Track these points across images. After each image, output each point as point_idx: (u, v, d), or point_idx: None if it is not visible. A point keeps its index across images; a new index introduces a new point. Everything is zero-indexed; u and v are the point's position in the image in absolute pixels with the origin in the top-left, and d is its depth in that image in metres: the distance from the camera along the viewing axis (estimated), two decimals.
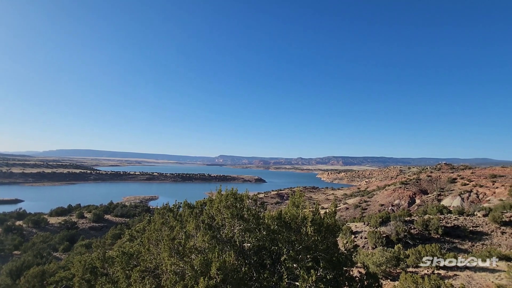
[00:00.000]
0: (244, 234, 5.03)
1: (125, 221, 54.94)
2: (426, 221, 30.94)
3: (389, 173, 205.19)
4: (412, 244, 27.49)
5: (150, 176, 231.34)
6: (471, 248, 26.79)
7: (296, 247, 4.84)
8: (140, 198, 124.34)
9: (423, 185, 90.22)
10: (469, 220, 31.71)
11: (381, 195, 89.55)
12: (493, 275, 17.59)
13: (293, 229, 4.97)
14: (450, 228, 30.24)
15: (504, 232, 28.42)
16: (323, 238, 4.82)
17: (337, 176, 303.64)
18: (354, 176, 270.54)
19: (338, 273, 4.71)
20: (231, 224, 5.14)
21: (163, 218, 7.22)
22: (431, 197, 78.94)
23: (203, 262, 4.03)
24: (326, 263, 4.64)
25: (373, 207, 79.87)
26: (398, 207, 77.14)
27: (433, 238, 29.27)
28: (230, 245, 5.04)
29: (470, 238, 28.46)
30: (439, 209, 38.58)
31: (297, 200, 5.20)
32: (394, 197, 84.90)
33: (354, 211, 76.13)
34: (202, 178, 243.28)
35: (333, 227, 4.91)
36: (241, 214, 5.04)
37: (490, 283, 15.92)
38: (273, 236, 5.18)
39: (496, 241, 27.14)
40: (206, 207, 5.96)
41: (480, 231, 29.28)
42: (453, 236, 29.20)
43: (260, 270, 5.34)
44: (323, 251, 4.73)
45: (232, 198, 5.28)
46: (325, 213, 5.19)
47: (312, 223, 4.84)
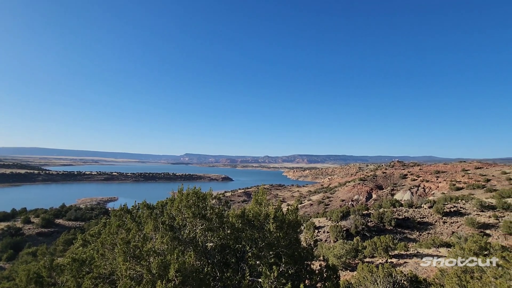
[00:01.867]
0: (207, 233, 4.85)
1: (80, 225, 50.64)
2: (381, 214, 33.46)
3: (349, 170, 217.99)
4: (369, 236, 29.54)
5: (109, 176, 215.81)
6: (419, 237, 29.64)
7: (259, 244, 4.80)
8: (97, 199, 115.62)
9: (379, 181, 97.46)
10: (417, 212, 35.02)
11: (342, 191, 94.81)
12: (435, 260, 19.60)
13: (256, 227, 4.92)
14: (401, 220, 33.09)
15: (445, 222, 31.89)
16: (285, 234, 4.86)
17: (302, 174, 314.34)
18: (318, 174, 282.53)
19: (299, 267, 4.78)
20: (193, 224, 4.93)
21: (120, 221, 6.69)
22: (385, 192, 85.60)
23: (161, 264, 3.79)
24: (288, 259, 4.68)
25: (335, 203, 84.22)
26: (357, 202, 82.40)
27: (387, 229, 31.78)
28: (192, 245, 4.83)
29: (418, 228, 31.48)
30: (392, 203, 41.99)
31: (260, 198, 5.16)
32: (353, 192, 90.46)
33: (318, 207, 79.51)
34: (167, 177, 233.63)
35: (294, 223, 4.97)
36: (204, 214, 4.85)
37: (434, 268, 17.74)
38: (237, 234, 5.08)
39: (439, 230, 30.36)
40: (167, 207, 5.63)
41: (426, 221, 32.51)
42: (404, 227, 32.02)
43: (223, 269, 5.21)
44: (285, 247, 4.76)
45: (194, 197, 5.06)
46: (288, 209, 5.24)
47: (275, 220, 4.85)
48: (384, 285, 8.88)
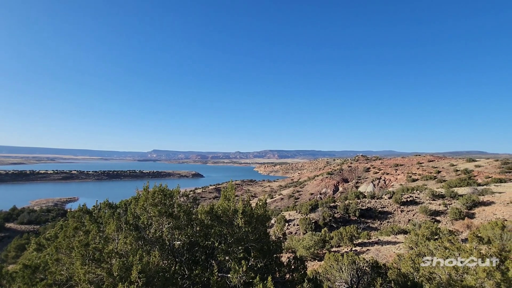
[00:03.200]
0: (174, 231, 4.70)
1: (35, 228, 46.36)
2: (347, 205, 35.34)
3: (318, 165, 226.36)
4: (335, 227, 31.11)
5: (68, 174, 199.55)
6: (380, 226, 31.90)
7: (228, 240, 4.77)
8: (54, 200, 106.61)
9: (345, 174, 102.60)
10: (379, 203, 37.57)
11: (311, 185, 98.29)
12: (394, 246, 21.31)
13: (225, 223, 4.88)
14: (364, 210, 35.28)
15: (403, 211, 34.62)
16: (253, 228, 4.89)
17: (273, 169, 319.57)
18: (288, 169, 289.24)
19: (268, 260, 4.86)
20: (159, 222, 4.73)
21: (78, 222, 6.20)
22: (351, 185, 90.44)
23: (123, 266, 3.58)
24: (257, 252, 4.72)
25: (305, 196, 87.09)
26: (325, 194, 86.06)
27: (352, 220, 33.69)
28: (159, 244, 4.64)
29: (379, 218, 33.83)
30: (357, 195, 44.52)
31: (228, 193, 5.12)
32: (321, 186, 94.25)
33: (288, 201, 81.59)
34: (133, 175, 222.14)
35: (263, 217, 5.02)
36: (171, 211, 4.68)
37: (392, 253, 19.25)
38: (206, 231, 4.99)
39: (397, 218, 32.90)
40: (131, 206, 5.34)
41: (386, 211, 35.03)
42: (367, 217, 34.21)
43: (192, 267, 5.10)
44: (254, 241, 4.80)
45: (161, 195, 4.85)
46: (256, 204, 5.27)
47: (243, 215, 4.84)
48: (349, 272, 9.39)
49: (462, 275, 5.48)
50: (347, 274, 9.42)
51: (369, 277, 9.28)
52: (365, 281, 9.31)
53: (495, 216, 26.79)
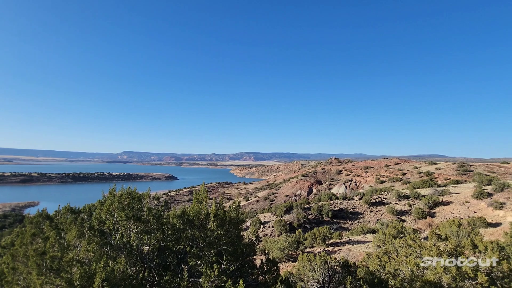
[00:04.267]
0: (143, 236, 4.49)
1: None
2: (320, 207, 36.33)
3: (293, 167, 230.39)
4: (309, 228, 31.82)
5: (27, 177, 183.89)
6: (351, 226, 33.18)
7: (200, 244, 4.66)
8: (11, 205, 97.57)
9: (318, 176, 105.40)
10: (350, 204, 39.08)
11: (286, 187, 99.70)
12: (364, 245, 22.27)
13: (197, 226, 4.77)
14: (337, 211, 36.51)
15: (372, 211, 36.30)
16: (226, 231, 4.83)
17: (249, 171, 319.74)
18: (264, 171, 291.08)
19: (241, 263, 4.82)
20: (127, 227, 4.50)
21: (36, 228, 5.73)
22: (324, 186, 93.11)
23: (84, 274, 3.34)
24: (230, 256, 4.67)
25: (280, 198, 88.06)
26: (300, 196, 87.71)
27: (325, 221, 34.68)
28: (126, 250, 4.40)
29: (350, 218, 35.20)
30: (330, 196, 45.97)
31: (201, 196, 5.01)
32: (296, 188, 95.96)
33: (264, 203, 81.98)
34: (101, 177, 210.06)
35: (236, 220, 4.98)
36: (139, 215, 4.46)
37: (362, 252, 20.09)
38: (178, 235, 4.84)
39: (367, 218, 34.44)
40: (96, 210, 5.02)
41: (357, 211, 36.52)
42: (339, 218, 35.42)
43: (163, 272, 4.91)
44: (227, 244, 4.74)
45: (129, 198, 4.61)
46: (230, 206, 5.22)
47: (216, 218, 4.77)
48: (321, 272, 9.62)
49: (423, 271, 5.87)
50: (319, 274, 9.65)
51: (340, 276, 9.58)
52: (336, 280, 9.59)
53: (452, 215, 29.04)
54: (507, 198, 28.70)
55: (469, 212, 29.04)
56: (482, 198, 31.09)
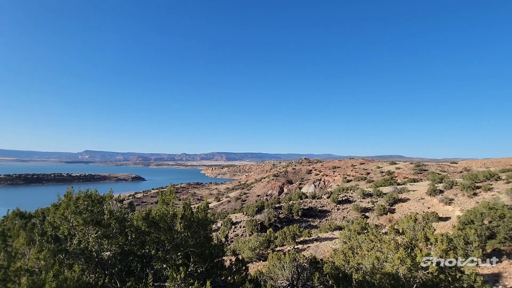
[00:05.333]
0: (103, 241, 4.21)
1: None
2: (291, 206, 37.14)
3: (265, 167, 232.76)
4: (280, 226, 32.38)
5: None
6: (320, 223, 34.39)
7: (166, 247, 4.50)
8: None
9: (289, 176, 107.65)
10: (319, 202, 40.49)
11: (258, 187, 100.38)
12: (331, 242, 23.23)
13: (162, 228, 4.60)
14: (306, 210, 37.61)
15: (339, 209, 37.95)
16: (194, 233, 4.72)
17: (220, 171, 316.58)
18: (236, 171, 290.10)
19: (210, 265, 4.75)
20: (84, 232, 4.18)
21: None
22: (295, 186, 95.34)
23: (33, 285, 3.04)
24: (198, 258, 4.57)
25: (251, 198, 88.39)
26: (271, 196, 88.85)
27: (295, 219, 35.53)
28: (84, 257, 4.10)
29: (319, 216, 36.48)
30: (300, 195, 47.19)
31: (167, 197, 4.84)
32: (268, 188, 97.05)
33: (235, 203, 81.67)
34: (58, 179, 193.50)
35: (204, 221, 4.90)
36: (99, 219, 4.17)
37: (329, 248, 20.94)
38: (143, 239, 4.62)
39: (334, 216, 35.93)
40: (50, 215, 4.61)
41: (325, 209, 37.95)
42: (308, 216, 36.54)
43: (126, 278, 4.66)
44: (195, 246, 4.63)
45: (87, 201, 4.30)
46: (198, 207, 5.12)
47: (183, 219, 4.64)
48: (290, 269, 9.85)
49: (383, 264, 6.30)
50: (289, 272, 9.87)
51: (308, 272, 9.90)
52: (305, 276, 9.89)
53: (410, 211, 31.45)
54: (455, 195, 31.79)
55: (423, 208, 31.68)
56: (435, 195, 34.11)
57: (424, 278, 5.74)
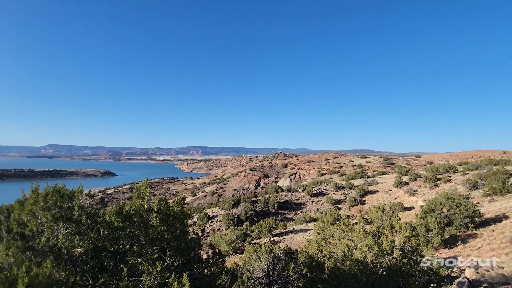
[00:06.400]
0: (74, 238, 4.03)
1: None
2: (267, 199, 37.72)
3: (241, 161, 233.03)
4: (256, 220, 32.85)
5: None
6: (295, 216, 35.36)
7: (141, 241, 4.41)
8: None
9: (266, 170, 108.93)
10: (294, 195, 41.52)
11: (234, 181, 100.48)
12: (306, 233, 24.04)
13: (137, 223, 4.49)
14: (282, 203, 38.43)
15: (313, 201, 39.19)
16: (170, 227, 4.67)
17: (196, 166, 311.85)
18: (212, 165, 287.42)
19: (186, 258, 4.74)
20: (54, 228, 3.97)
21: None
22: (271, 180, 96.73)
23: (6, 280, 2.86)
24: (174, 251, 4.55)
25: (228, 192, 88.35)
26: (248, 190, 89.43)
27: (271, 212, 36.19)
28: (54, 254, 3.89)
29: (295, 209, 37.47)
30: (276, 189, 48.04)
31: (142, 191, 4.72)
32: (244, 182, 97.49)
33: (212, 198, 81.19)
34: (20, 174, 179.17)
35: (180, 214, 4.86)
36: (69, 215, 3.98)
37: (304, 239, 21.68)
38: (116, 234, 4.48)
39: (309, 208, 37.09)
40: (15, 211, 4.30)
41: (300, 202, 39.01)
42: (284, 209, 37.38)
43: (98, 275, 4.50)
44: (171, 240, 4.59)
45: (56, 196, 4.06)
46: (174, 201, 5.06)
47: (159, 213, 4.57)
48: (266, 260, 10.09)
49: (352, 251, 6.70)
50: (264, 263, 10.11)
51: (284, 263, 10.21)
52: (280, 267, 10.19)
53: (378, 202, 33.38)
54: (418, 186, 34.23)
55: (391, 199, 33.79)
56: (401, 187, 36.48)
57: (389, 262, 6.21)
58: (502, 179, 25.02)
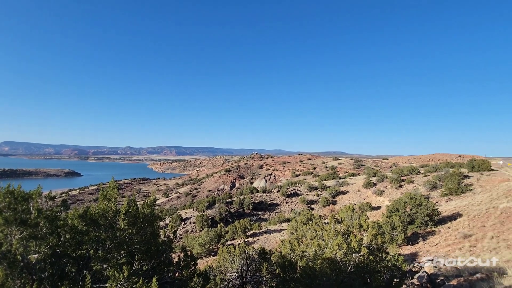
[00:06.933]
0: (30, 243, 3.69)
1: None
2: (242, 200, 37.66)
3: (217, 162, 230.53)
4: (231, 221, 32.64)
5: None
6: (269, 216, 35.68)
7: (107, 245, 4.16)
8: None
9: (241, 171, 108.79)
10: (269, 196, 41.90)
11: (209, 182, 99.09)
12: (280, 233, 24.36)
13: (103, 226, 4.23)
14: (257, 204, 38.60)
15: (288, 202, 39.82)
16: (139, 229, 4.46)
17: (170, 166, 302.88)
18: (186, 166, 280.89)
19: (156, 261, 4.56)
20: (7, 233, 3.60)
21: None
22: (246, 181, 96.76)
23: None
24: (143, 255, 4.35)
25: (202, 193, 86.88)
26: (223, 191, 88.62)
27: (246, 213, 36.18)
28: (7, 261, 3.53)
29: (269, 209, 37.81)
30: (251, 190, 48.17)
31: (109, 193, 4.46)
32: (219, 182, 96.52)
33: (185, 199, 79.32)
34: None
35: (150, 216, 4.67)
36: (24, 218, 3.63)
37: (278, 240, 21.95)
38: (79, 239, 4.17)
39: (283, 209, 37.63)
40: None
41: (275, 203, 39.45)
42: (259, 209, 37.56)
43: (58, 283, 4.18)
44: (139, 243, 4.39)
45: (9, 198, 3.70)
46: (144, 203, 4.85)
47: (126, 215, 4.34)
48: (240, 261, 10.06)
49: (323, 250, 6.92)
50: (238, 264, 10.07)
51: (257, 264, 10.25)
52: (254, 267, 10.22)
53: (349, 202, 34.79)
54: (385, 187, 36.24)
55: (360, 199, 35.38)
56: (369, 187, 38.35)
57: (357, 260, 6.49)
58: (457, 180, 27.43)
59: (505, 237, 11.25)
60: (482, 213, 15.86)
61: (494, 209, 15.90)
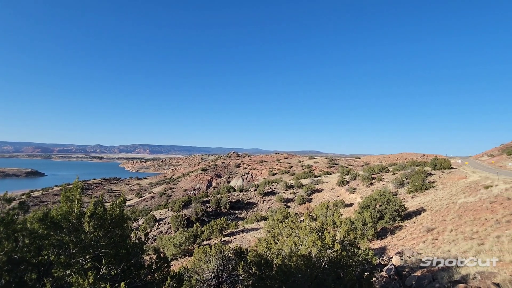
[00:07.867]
0: None
1: None
2: (219, 199, 37.29)
3: (193, 161, 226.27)
4: (207, 220, 32.19)
5: None
6: (246, 215, 35.68)
7: (70, 250, 3.87)
8: None
9: (218, 170, 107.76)
10: (246, 195, 41.90)
11: (185, 181, 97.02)
12: (257, 232, 24.47)
13: (66, 229, 3.93)
14: (234, 203, 38.43)
15: (264, 200, 40.07)
16: (107, 232, 4.20)
17: (143, 165, 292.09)
18: (161, 165, 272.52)
19: (126, 265, 4.33)
20: None
21: None
22: (223, 180, 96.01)
23: None
24: (111, 259, 4.11)
25: (178, 193, 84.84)
26: (199, 190, 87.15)
27: (223, 212, 35.88)
28: None
29: (246, 208, 37.81)
30: (228, 189, 47.85)
31: (72, 194, 4.14)
32: (196, 182, 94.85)
33: (160, 199, 76.98)
34: None
35: (119, 218, 4.41)
36: None
37: (254, 238, 22.01)
38: (40, 243, 3.83)
39: (260, 207, 37.83)
40: None
41: (252, 202, 39.54)
42: (236, 208, 37.43)
43: None
44: (107, 246, 4.13)
45: None
46: (112, 204, 4.58)
47: (92, 217, 4.07)
48: (216, 261, 9.94)
49: (299, 247, 7.05)
50: (214, 264, 9.95)
51: (233, 263, 10.19)
52: (230, 267, 10.15)
53: (323, 199, 35.82)
54: (357, 185, 37.78)
55: (334, 196, 36.57)
56: (343, 185, 39.76)
57: (330, 256, 6.68)
58: (422, 178, 29.42)
59: (462, 230, 12.23)
60: (443, 208, 17.13)
61: (453, 204, 17.25)
